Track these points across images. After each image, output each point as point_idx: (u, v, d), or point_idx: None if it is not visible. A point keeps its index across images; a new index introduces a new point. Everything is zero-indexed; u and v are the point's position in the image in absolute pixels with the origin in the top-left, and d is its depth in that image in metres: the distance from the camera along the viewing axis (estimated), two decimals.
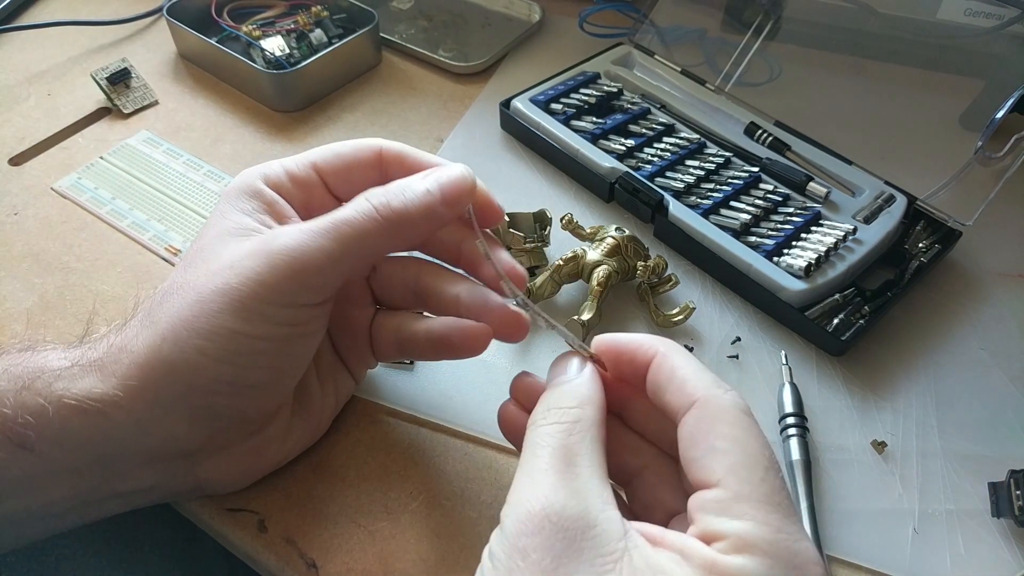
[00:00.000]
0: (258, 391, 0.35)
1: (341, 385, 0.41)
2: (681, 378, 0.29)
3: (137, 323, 0.34)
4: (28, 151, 0.59)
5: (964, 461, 0.43)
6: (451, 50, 0.70)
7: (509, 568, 0.25)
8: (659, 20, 0.66)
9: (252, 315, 0.32)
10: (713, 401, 0.28)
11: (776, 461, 0.27)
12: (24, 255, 0.51)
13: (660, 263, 0.49)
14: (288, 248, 0.32)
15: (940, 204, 0.53)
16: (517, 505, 0.26)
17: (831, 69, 0.64)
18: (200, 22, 0.66)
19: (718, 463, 0.26)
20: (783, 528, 0.25)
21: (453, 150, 0.61)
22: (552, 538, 0.25)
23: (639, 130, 0.59)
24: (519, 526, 0.26)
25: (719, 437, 0.27)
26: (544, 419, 0.29)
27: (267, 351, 0.33)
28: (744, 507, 0.25)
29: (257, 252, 0.32)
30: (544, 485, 0.26)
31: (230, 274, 0.32)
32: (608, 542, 0.25)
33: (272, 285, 0.32)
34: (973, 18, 0.57)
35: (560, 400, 0.30)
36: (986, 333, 0.50)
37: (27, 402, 0.32)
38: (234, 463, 0.37)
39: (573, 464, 0.27)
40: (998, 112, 0.52)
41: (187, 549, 0.52)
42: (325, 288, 0.34)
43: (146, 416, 0.33)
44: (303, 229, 0.33)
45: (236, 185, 0.36)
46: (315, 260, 0.32)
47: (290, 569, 0.37)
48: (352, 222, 0.33)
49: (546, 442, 0.28)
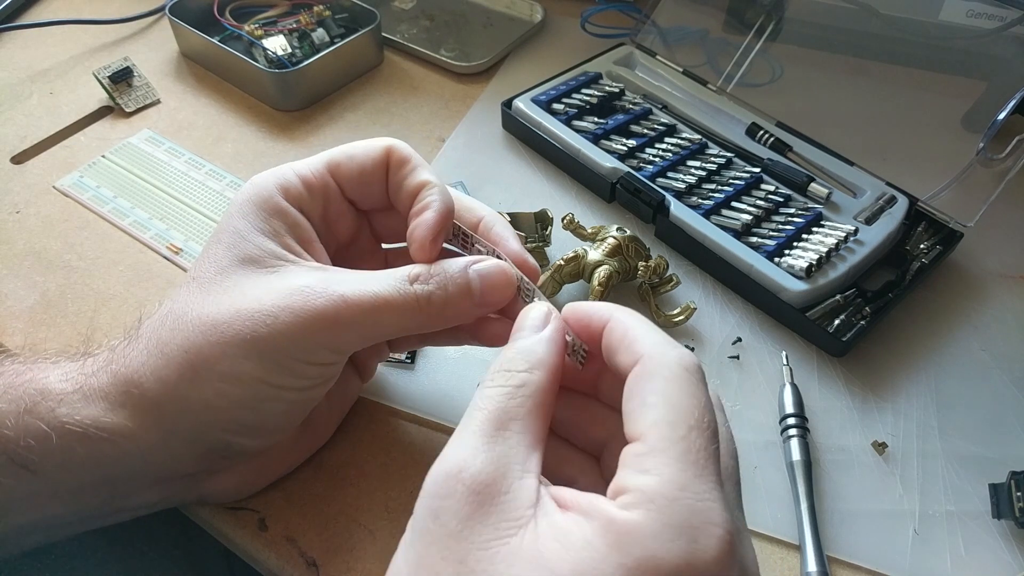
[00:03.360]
0: (272, 432, 0.35)
1: (346, 393, 0.41)
2: (632, 337, 0.29)
3: (144, 348, 0.33)
4: (30, 149, 0.59)
5: (965, 462, 0.43)
6: (453, 50, 0.70)
7: (421, 530, 0.25)
8: (661, 20, 0.66)
9: (278, 368, 0.32)
10: (657, 357, 0.27)
11: (710, 423, 0.26)
12: (26, 253, 0.51)
13: (661, 263, 0.49)
14: (324, 313, 0.31)
15: (941, 205, 0.53)
16: (437, 465, 0.26)
17: (833, 70, 0.64)
18: (202, 21, 0.66)
19: (644, 417, 0.26)
20: (688, 486, 0.24)
21: (455, 150, 0.61)
22: (461, 500, 0.25)
23: (641, 130, 0.59)
24: (434, 487, 0.25)
25: (652, 392, 0.26)
26: (492, 380, 0.28)
27: (285, 399, 0.33)
28: (654, 461, 0.25)
29: (292, 309, 0.31)
30: (466, 447, 0.26)
31: (261, 323, 0.31)
32: (517, 508, 0.25)
33: (302, 346, 0.32)
34: (975, 19, 0.57)
35: (511, 361, 0.29)
36: (987, 334, 0.50)
37: (30, 426, 0.31)
38: (239, 479, 0.38)
39: (504, 428, 0.27)
40: (1000, 113, 0.51)
41: (188, 547, 0.52)
42: (349, 352, 0.35)
43: (156, 447, 0.33)
44: (341, 298, 0.32)
45: (252, 198, 0.35)
46: (346, 332, 0.32)
47: (290, 568, 0.37)
48: (393, 303, 0.33)
49: (484, 404, 0.27)
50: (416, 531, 0.25)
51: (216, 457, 0.35)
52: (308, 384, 0.34)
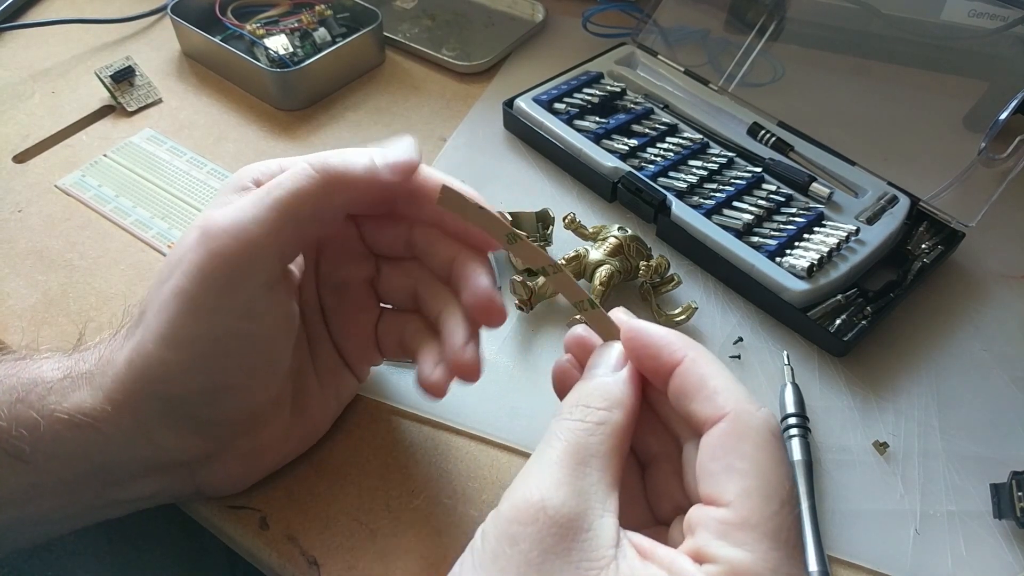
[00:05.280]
0: (236, 393, 0.34)
1: (343, 386, 0.41)
2: (712, 388, 0.27)
3: (124, 333, 0.33)
4: (32, 148, 0.59)
5: (966, 462, 0.43)
6: (454, 49, 0.70)
7: (496, 552, 0.25)
8: (662, 20, 0.66)
9: (205, 313, 0.31)
10: (744, 417, 0.26)
11: (795, 496, 0.26)
12: (28, 252, 0.51)
13: (662, 263, 0.49)
14: (222, 229, 0.30)
15: (943, 205, 0.53)
16: (518, 490, 0.26)
17: (834, 70, 0.64)
18: (204, 20, 0.66)
19: (733, 483, 0.25)
20: (780, 568, 0.24)
21: (456, 149, 0.61)
22: (543, 531, 0.24)
23: (642, 130, 0.59)
24: (514, 512, 0.25)
25: (741, 457, 0.26)
26: (570, 414, 0.28)
27: (231, 350, 0.32)
28: (747, 536, 0.24)
29: (196, 242, 0.31)
30: (549, 477, 0.26)
31: (178, 274, 0.31)
32: (598, 548, 0.24)
33: (213, 272, 0.30)
34: (977, 19, 0.57)
35: (591, 398, 0.29)
36: (988, 334, 0.50)
37: (21, 415, 0.32)
38: (233, 467, 0.37)
39: (585, 464, 0.26)
40: (1001, 113, 0.51)
41: (189, 546, 0.52)
42: (271, 263, 0.32)
43: (133, 429, 0.33)
44: (237, 205, 0.31)
45: (228, 182, 0.35)
46: (253, 234, 0.30)
47: (291, 567, 0.38)
48: (285, 184, 0.31)
49: (565, 436, 0.27)
50: (488, 553, 0.25)
51: (199, 437, 0.34)
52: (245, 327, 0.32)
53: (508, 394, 0.45)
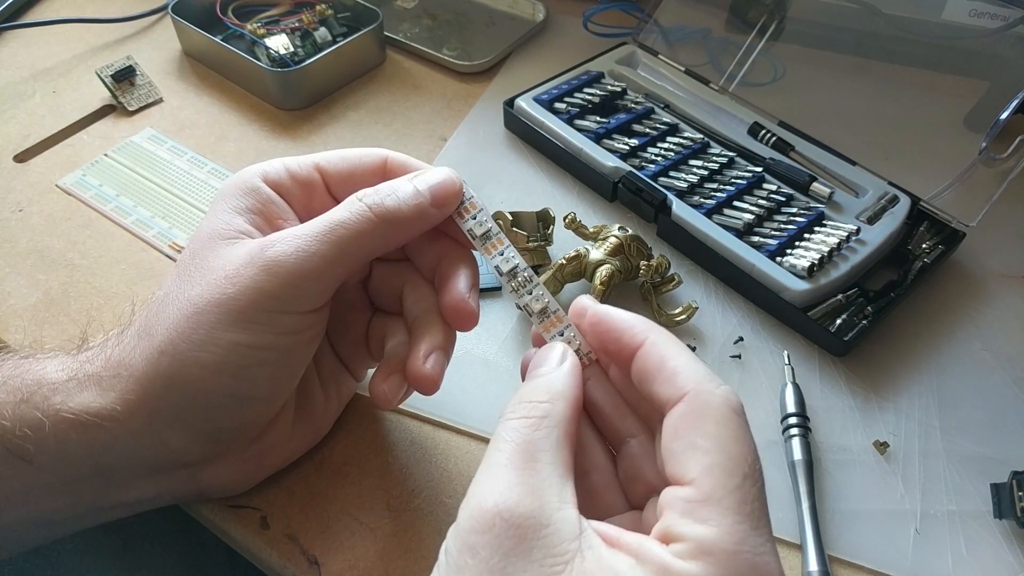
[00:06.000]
0: (258, 402, 0.35)
1: (343, 386, 0.41)
2: (671, 369, 0.28)
3: (134, 334, 0.33)
4: (33, 148, 0.59)
5: (966, 462, 0.43)
6: (455, 49, 0.70)
7: (459, 566, 0.25)
8: (663, 20, 0.66)
9: (251, 325, 0.32)
10: (704, 396, 0.27)
11: (759, 470, 0.26)
12: (28, 252, 0.52)
13: (663, 263, 0.49)
14: (284, 255, 0.32)
15: (944, 205, 0.53)
16: (471, 500, 0.26)
17: (835, 69, 0.64)
18: (205, 20, 0.66)
19: (696, 461, 0.25)
20: (747, 540, 0.24)
21: (457, 149, 0.61)
22: (502, 536, 0.24)
23: (643, 129, 0.59)
24: (471, 522, 0.25)
25: (702, 435, 0.26)
26: (513, 413, 0.28)
27: (267, 361, 0.33)
28: (711, 512, 0.24)
29: (254, 260, 0.32)
30: (500, 481, 0.26)
31: (227, 284, 0.32)
32: (560, 542, 0.24)
33: (270, 293, 0.32)
34: (978, 19, 0.57)
35: (532, 393, 0.29)
36: (989, 334, 0.50)
37: (25, 415, 0.32)
38: (236, 470, 0.37)
39: (534, 460, 0.26)
40: (1002, 113, 0.51)
41: (189, 545, 0.52)
42: (323, 293, 0.34)
43: (144, 430, 0.33)
44: (298, 235, 0.32)
45: (233, 181, 0.35)
46: (312, 266, 0.32)
47: (292, 566, 0.38)
48: (347, 224, 0.33)
49: (510, 436, 0.27)
50: (452, 568, 0.25)
51: (208, 442, 0.35)
52: (284, 342, 0.33)
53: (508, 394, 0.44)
